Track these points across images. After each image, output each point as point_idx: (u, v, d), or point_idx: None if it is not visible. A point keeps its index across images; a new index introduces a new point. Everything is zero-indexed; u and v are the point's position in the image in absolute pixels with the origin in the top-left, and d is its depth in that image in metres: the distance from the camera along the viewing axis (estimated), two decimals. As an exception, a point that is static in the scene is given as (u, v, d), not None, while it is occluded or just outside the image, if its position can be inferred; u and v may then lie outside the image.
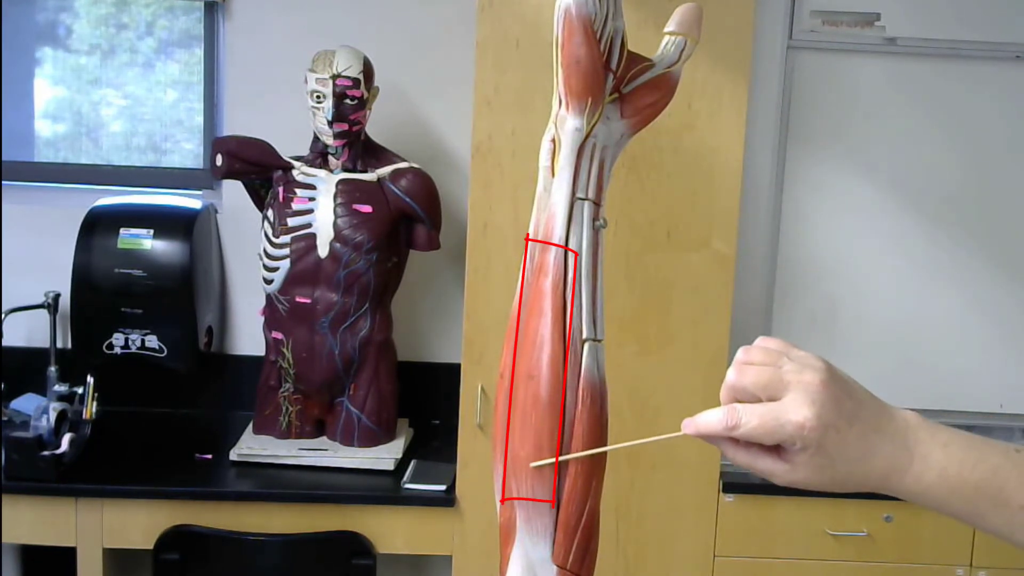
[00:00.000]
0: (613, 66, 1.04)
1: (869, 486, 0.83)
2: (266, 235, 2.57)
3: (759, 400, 0.80)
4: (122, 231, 2.66)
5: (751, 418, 0.80)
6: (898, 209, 2.64)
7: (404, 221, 2.60)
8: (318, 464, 2.56)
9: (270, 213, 2.57)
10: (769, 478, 0.83)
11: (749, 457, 0.82)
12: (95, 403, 2.50)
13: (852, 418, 0.80)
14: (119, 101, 3.10)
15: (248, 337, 2.92)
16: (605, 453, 0.96)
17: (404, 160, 2.60)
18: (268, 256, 2.56)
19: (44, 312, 2.68)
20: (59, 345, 2.70)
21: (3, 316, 2.52)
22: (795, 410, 0.78)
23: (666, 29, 1.11)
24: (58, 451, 2.41)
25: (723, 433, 0.81)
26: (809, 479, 0.81)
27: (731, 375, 0.82)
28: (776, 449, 0.81)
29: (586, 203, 1.01)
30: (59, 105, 3.10)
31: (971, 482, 0.81)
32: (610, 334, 1.04)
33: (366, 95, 2.54)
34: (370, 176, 2.56)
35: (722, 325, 2.45)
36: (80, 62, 3.07)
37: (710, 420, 0.82)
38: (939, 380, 2.73)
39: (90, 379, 2.50)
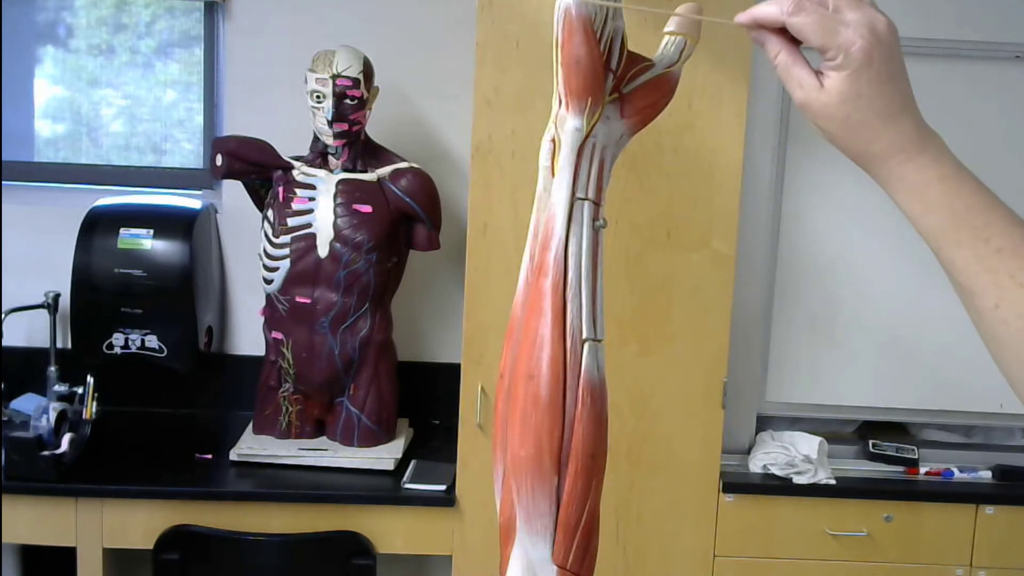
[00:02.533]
0: (613, 66, 1.04)
1: (873, 153, 0.83)
2: (266, 235, 2.57)
3: (827, 8, 0.81)
4: (122, 231, 2.66)
5: (811, 13, 0.80)
6: (898, 209, 2.63)
7: (404, 221, 2.60)
8: (318, 464, 2.56)
9: (270, 213, 2.57)
10: (795, 90, 0.83)
11: (790, 58, 0.83)
12: (95, 403, 2.50)
13: (893, 76, 0.81)
14: (119, 101, 3.10)
15: (248, 337, 2.92)
16: (604, 458, 0.96)
17: (404, 160, 2.60)
18: (268, 256, 2.56)
19: (44, 312, 2.68)
20: (59, 345, 2.70)
21: (3, 316, 2.52)
22: (855, 27, 0.80)
23: (666, 29, 1.11)
24: (58, 451, 2.41)
25: (778, 17, 0.82)
26: (829, 105, 0.81)
27: None
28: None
29: (586, 203, 1.01)
30: (59, 105, 3.10)
31: (964, 201, 0.81)
32: (610, 334, 1.04)
33: (366, 95, 2.54)
34: (370, 176, 2.56)
35: (722, 325, 2.45)
36: (80, 62, 3.07)
37: (768, 6, 0.82)
38: (939, 380, 2.73)
39: (90, 379, 2.50)
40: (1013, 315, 0.79)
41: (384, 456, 2.59)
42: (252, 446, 2.59)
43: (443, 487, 2.49)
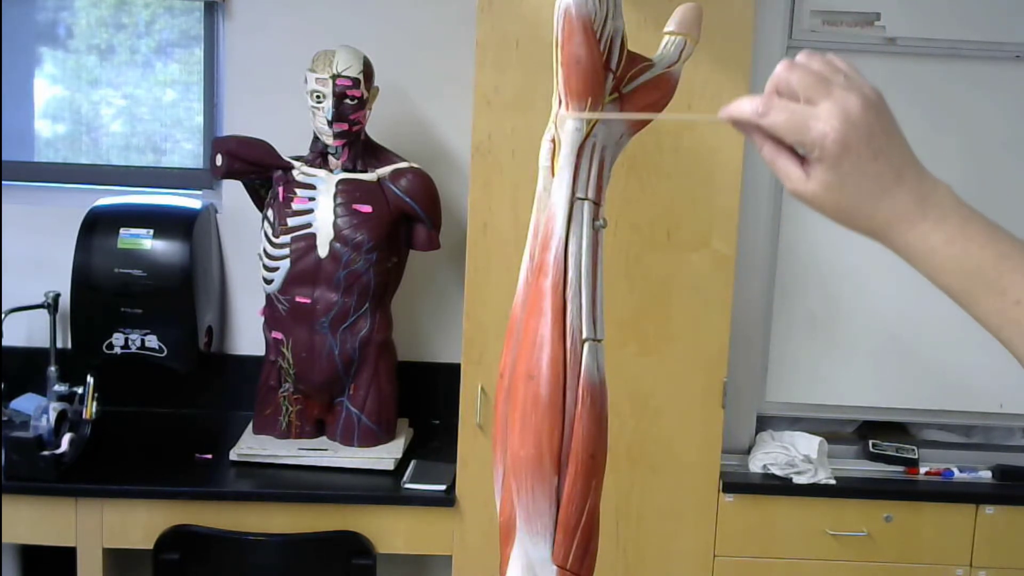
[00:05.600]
0: (613, 66, 1.04)
1: (873, 228, 0.83)
2: (266, 235, 2.57)
3: (798, 101, 0.80)
4: (122, 231, 2.66)
5: (781, 111, 0.79)
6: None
7: (404, 221, 2.60)
8: (318, 464, 2.56)
9: (270, 213, 2.57)
10: (784, 181, 0.82)
11: (773, 153, 0.82)
12: (95, 403, 2.50)
13: (878, 153, 0.80)
14: (119, 101, 3.10)
15: (248, 337, 2.92)
16: (604, 458, 0.96)
17: (404, 160, 2.60)
18: (268, 256, 2.56)
19: (44, 312, 2.68)
20: (59, 345, 2.70)
21: (3, 316, 2.52)
22: (825, 119, 0.78)
23: (666, 29, 1.11)
24: (58, 451, 2.41)
25: (751, 118, 0.81)
26: (817, 195, 0.81)
27: (780, 68, 0.81)
28: (802, 157, 0.82)
29: (586, 203, 1.01)
30: (59, 105, 3.10)
31: (974, 259, 0.80)
32: (610, 334, 1.04)
33: (366, 95, 2.54)
34: (370, 176, 2.56)
35: (722, 325, 2.44)
36: (80, 62, 3.07)
37: (743, 104, 0.82)
38: (939, 380, 2.72)
39: (90, 379, 2.50)
40: None
41: (384, 456, 2.59)
42: (252, 446, 2.59)
43: (443, 487, 2.49)
